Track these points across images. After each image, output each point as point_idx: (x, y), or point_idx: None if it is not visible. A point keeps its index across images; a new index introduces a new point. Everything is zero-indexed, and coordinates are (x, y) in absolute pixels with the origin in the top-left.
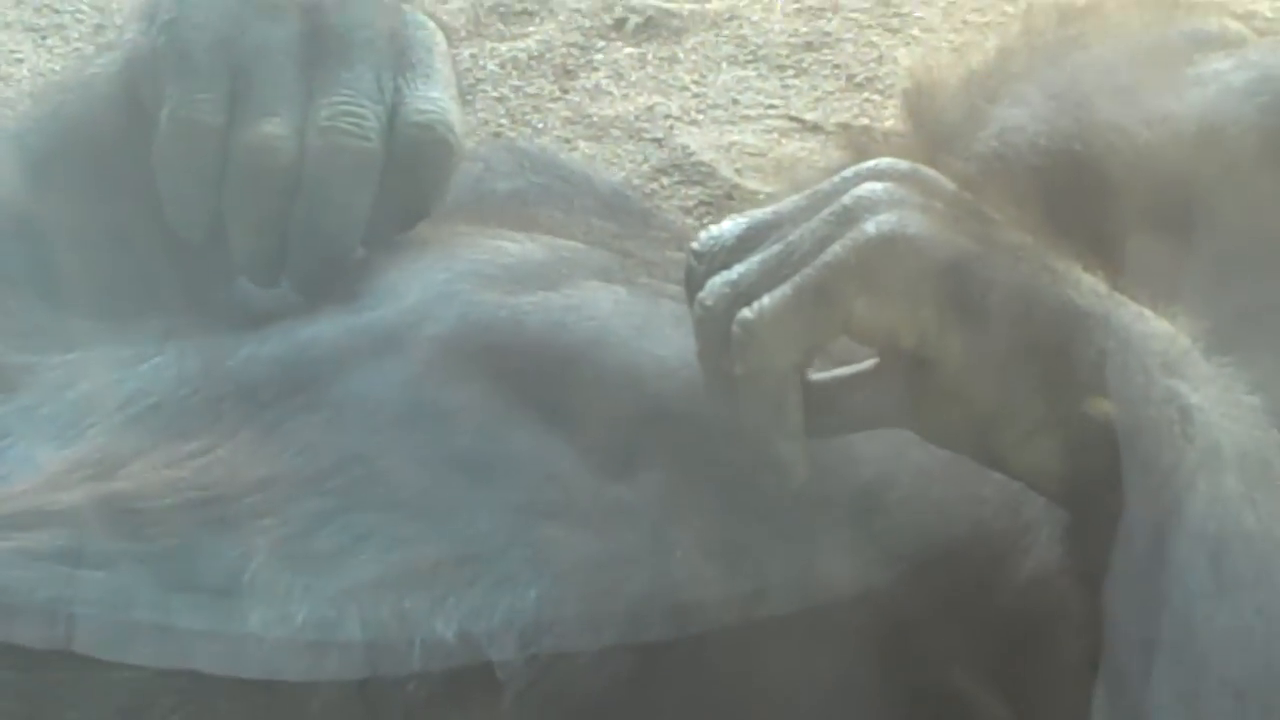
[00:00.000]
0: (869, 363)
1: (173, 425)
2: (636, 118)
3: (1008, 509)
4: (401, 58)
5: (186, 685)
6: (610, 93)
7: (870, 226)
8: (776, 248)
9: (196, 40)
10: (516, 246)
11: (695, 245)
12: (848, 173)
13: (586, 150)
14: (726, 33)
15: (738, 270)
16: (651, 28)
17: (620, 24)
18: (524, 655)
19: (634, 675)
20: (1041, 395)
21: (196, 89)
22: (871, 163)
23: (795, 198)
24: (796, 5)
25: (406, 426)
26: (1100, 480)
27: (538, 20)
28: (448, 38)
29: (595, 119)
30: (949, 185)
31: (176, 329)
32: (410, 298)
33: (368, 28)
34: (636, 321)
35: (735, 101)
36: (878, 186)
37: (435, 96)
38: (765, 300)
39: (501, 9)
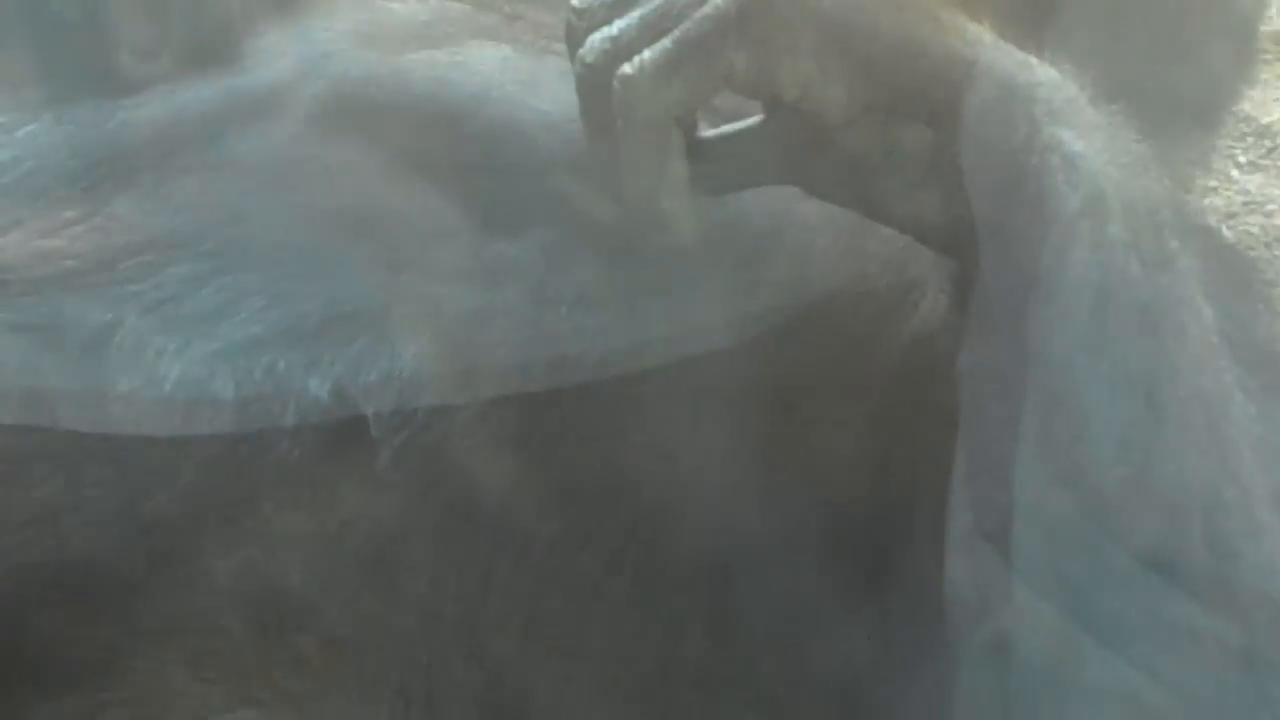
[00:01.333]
0: (754, 118)
1: (48, 193)
2: None
3: (894, 265)
4: None
5: (60, 448)
6: None
7: None
8: (657, 2)
9: None
10: (401, 6)
11: (576, 3)
12: None
13: None
14: None
15: (618, 26)
16: None
17: None
18: (400, 410)
19: (512, 432)
20: (924, 145)
21: None
22: None
23: None
24: None
25: (285, 186)
26: None
27: None
28: None
29: None
30: None
31: (58, 95)
32: (290, 58)
33: None
34: (522, 77)
35: None
36: None
37: None
38: (646, 55)
39: None
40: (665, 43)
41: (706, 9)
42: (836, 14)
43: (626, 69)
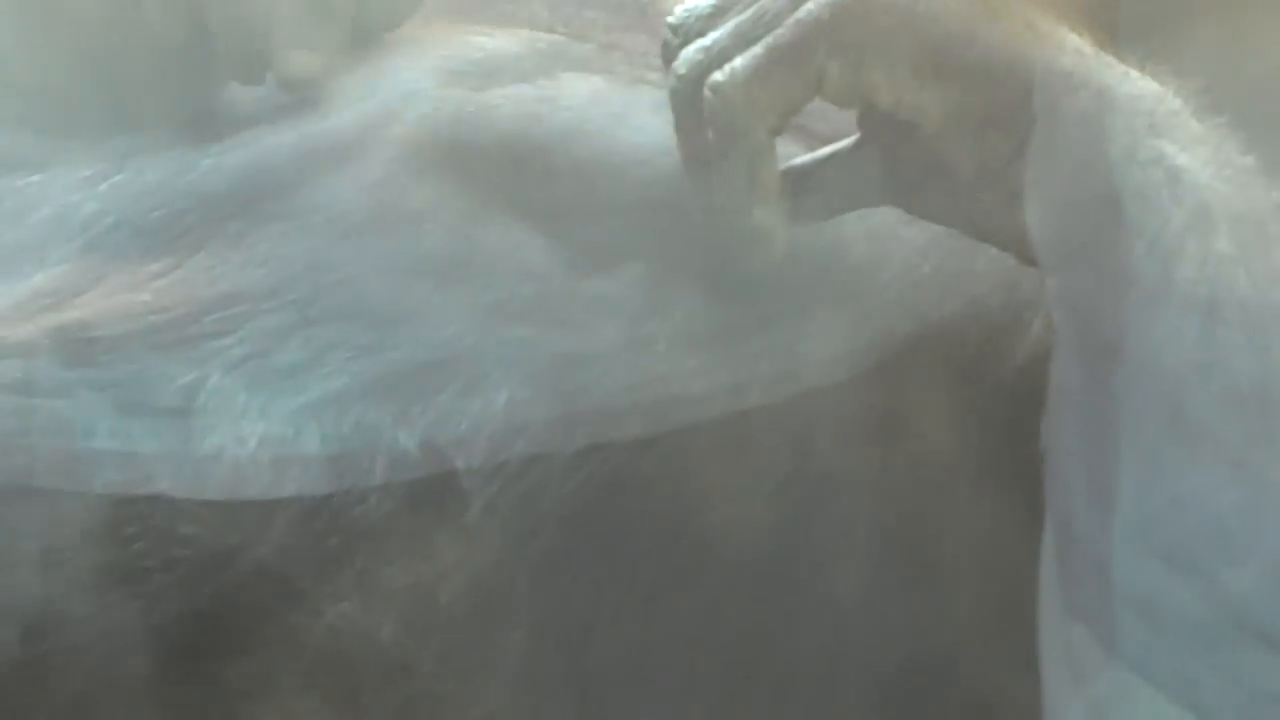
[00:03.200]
0: (849, 140)
1: (132, 246)
2: None
3: (1005, 285)
4: None
5: (147, 510)
6: None
7: None
8: (750, 11)
9: None
10: (489, 41)
11: (671, 19)
12: None
13: None
14: None
15: (711, 37)
16: None
17: None
18: (491, 462)
19: (610, 477)
20: (1024, 159)
21: None
22: None
23: None
24: None
25: (371, 232)
26: None
27: None
28: None
29: None
30: None
31: (144, 146)
32: (375, 99)
33: None
34: (614, 109)
35: None
36: None
37: None
38: (737, 62)
39: None
40: (756, 49)
41: (799, 14)
42: (931, 20)
43: (717, 76)
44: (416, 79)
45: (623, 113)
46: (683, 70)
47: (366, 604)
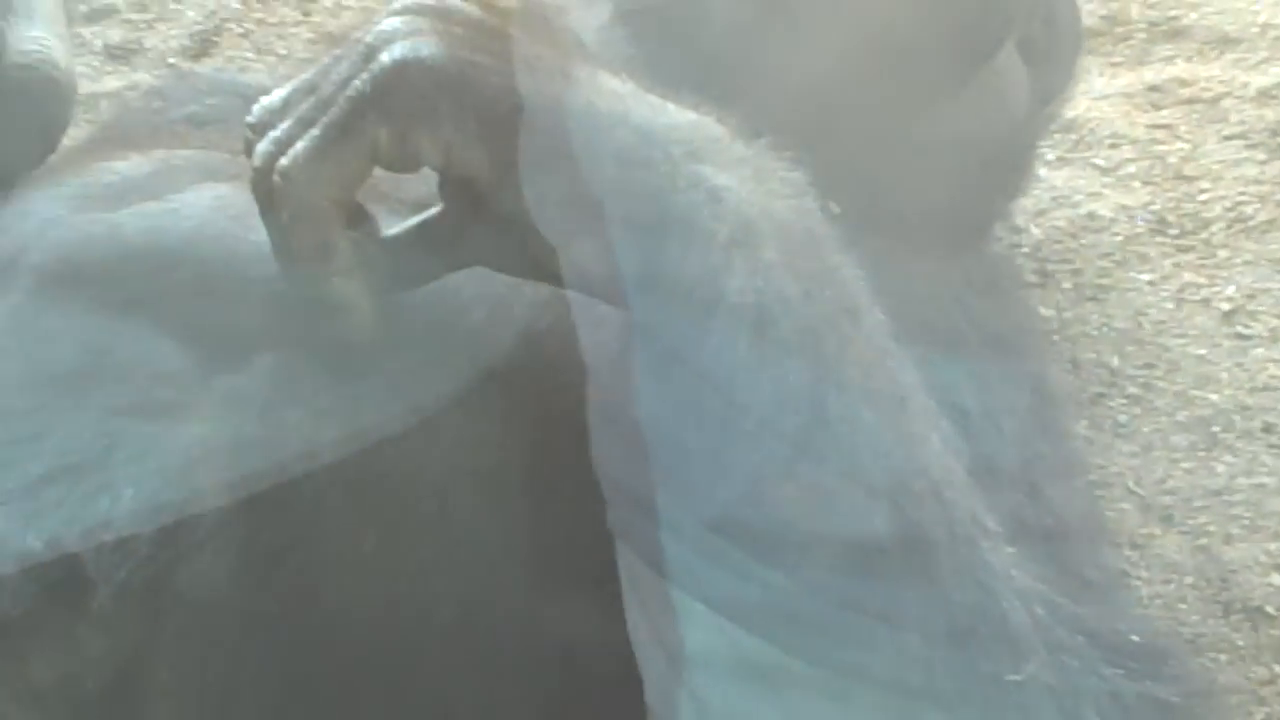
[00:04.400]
0: (435, 207)
1: None
2: None
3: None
4: (1, 2)
5: None
6: (350, 7)
7: (384, 57)
8: (311, 99)
9: None
10: (124, 164)
11: (249, 117)
12: (378, 17)
13: None
14: None
15: (281, 128)
16: None
17: None
18: (119, 551)
19: (239, 550)
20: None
21: None
22: (399, 2)
23: (335, 51)
24: None
25: (11, 356)
26: None
27: None
28: None
29: (335, 35)
30: (472, 12)
31: None
32: (12, 232)
33: None
34: (236, 213)
35: None
36: (397, 21)
37: (37, 35)
38: (299, 146)
39: None
40: (314, 130)
41: (349, 91)
42: (467, 80)
43: (283, 161)
44: (52, 208)
45: (244, 213)
46: (257, 162)
47: (12, 701)
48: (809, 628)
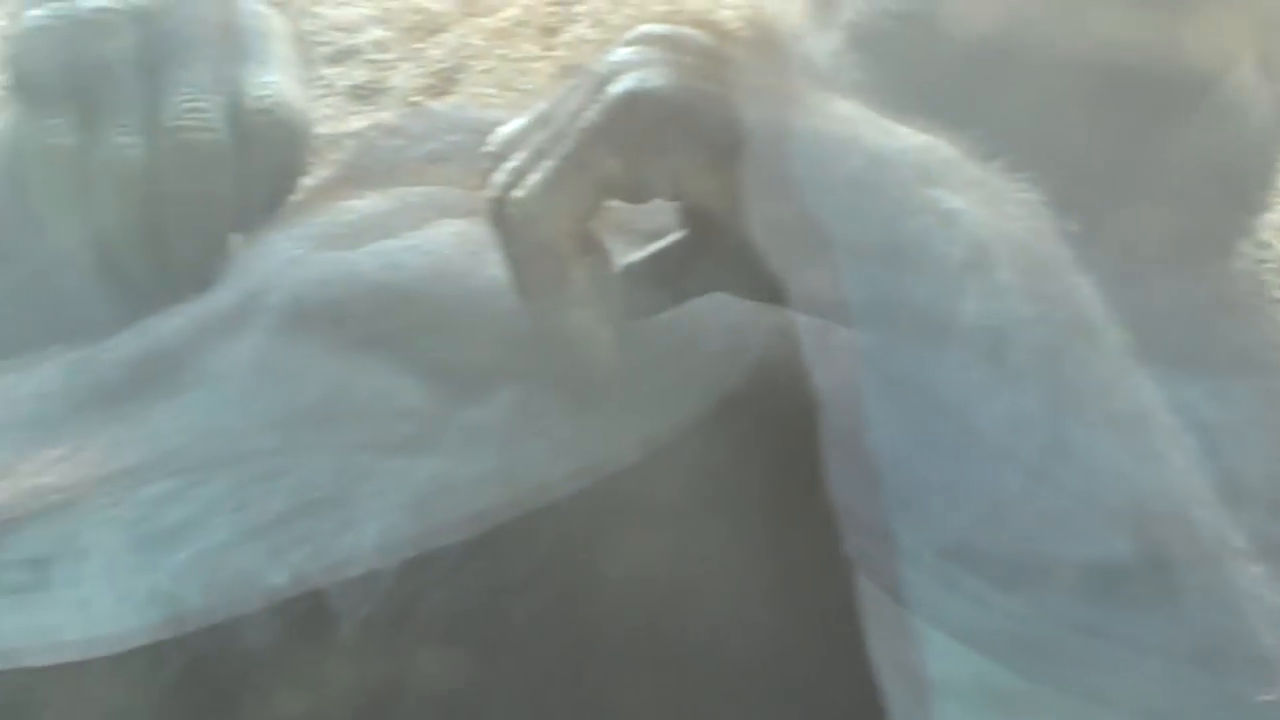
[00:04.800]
0: (673, 235)
1: (39, 440)
2: None
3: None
4: (238, 47)
5: (53, 679)
6: (592, 40)
7: (615, 88)
8: (546, 129)
9: (38, 69)
10: (361, 203)
11: (489, 148)
12: (612, 47)
13: None
14: None
15: (516, 159)
16: None
17: None
18: (363, 586)
19: (487, 586)
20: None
21: (48, 115)
22: (631, 32)
23: (571, 82)
24: None
25: (251, 395)
26: None
27: None
28: (291, 18)
29: (576, 68)
30: (705, 40)
31: (51, 353)
32: (255, 272)
33: (199, 24)
34: (473, 249)
35: (710, 16)
36: (628, 51)
37: (273, 80)
38: (532, 177)
39: None
40: (547, 162)
41: (580, 122)
42: (694, 109)
43: (516, 193)
44: (292, 248)
45: (482, 249)
46: (493, 192)
47: None
48: (1051, 653)
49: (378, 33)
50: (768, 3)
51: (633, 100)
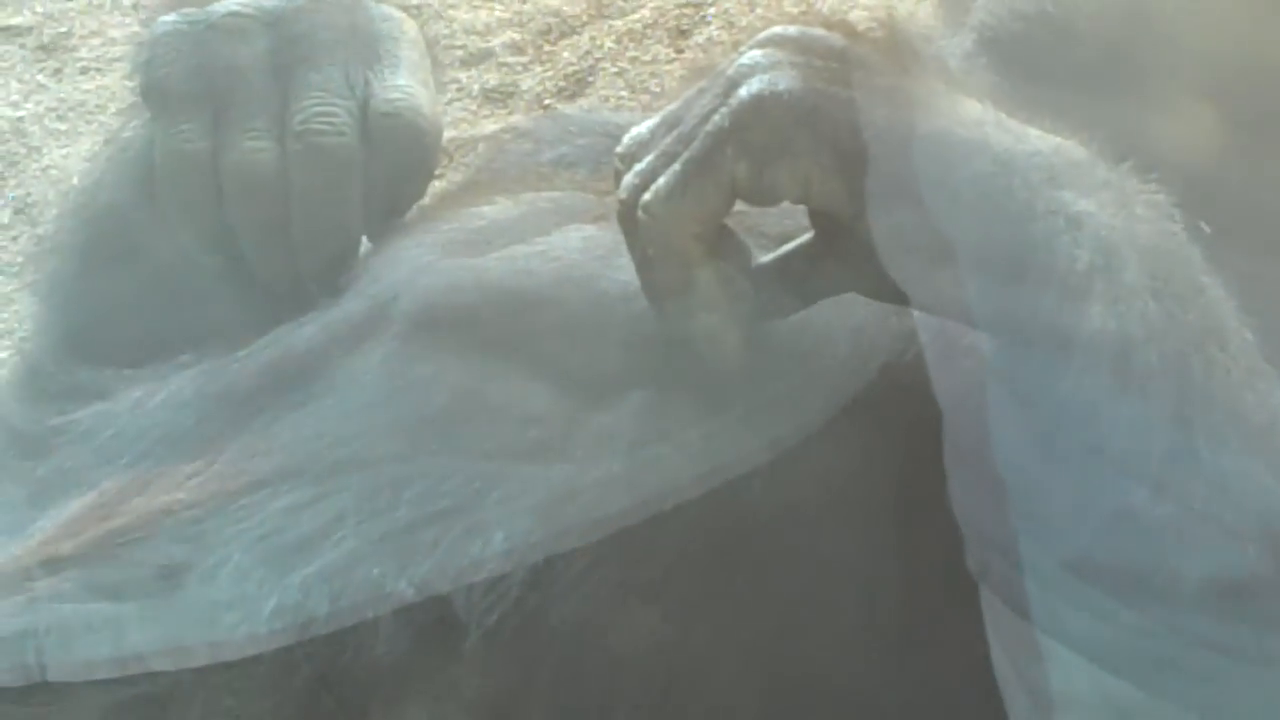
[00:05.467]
0: (805, 236)
1: (173, 453)
2: None
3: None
4: (368, 51)
5: (188, 688)
6: (722, 42)
7: (743, 91)
8: (674, 132)
9: (171, 74)
10: (490, 209)
11: (619, 149)
12: (741, 49)
13: None
14: None
15: (646, 160)
16: None
17: None
18: (490, 595)
19: (612, 593)
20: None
21: (179, 120)
22: (761, 34)
23: (699, 84)
24: None
25: (381, 403)
26: None
27: None
28: (419, 24)
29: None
30: (835, 41)
31: (184, 363)
32: (385, 279)
33: (330, 29)
34: (602, 253)
35: (842, 18)
36: (757, 53)
37: (402, 84)
38: (660, 181)
39: None
40: (676, 166)
41: (708, 126)
42: (822, 112)
43: (646, 196)
44: (422, 254)
45: (610, 253)
46: (623, 195)
47: None
48: (1176, 669)
49: (510, 35)
50: (899, 4)
51: (760, 103)
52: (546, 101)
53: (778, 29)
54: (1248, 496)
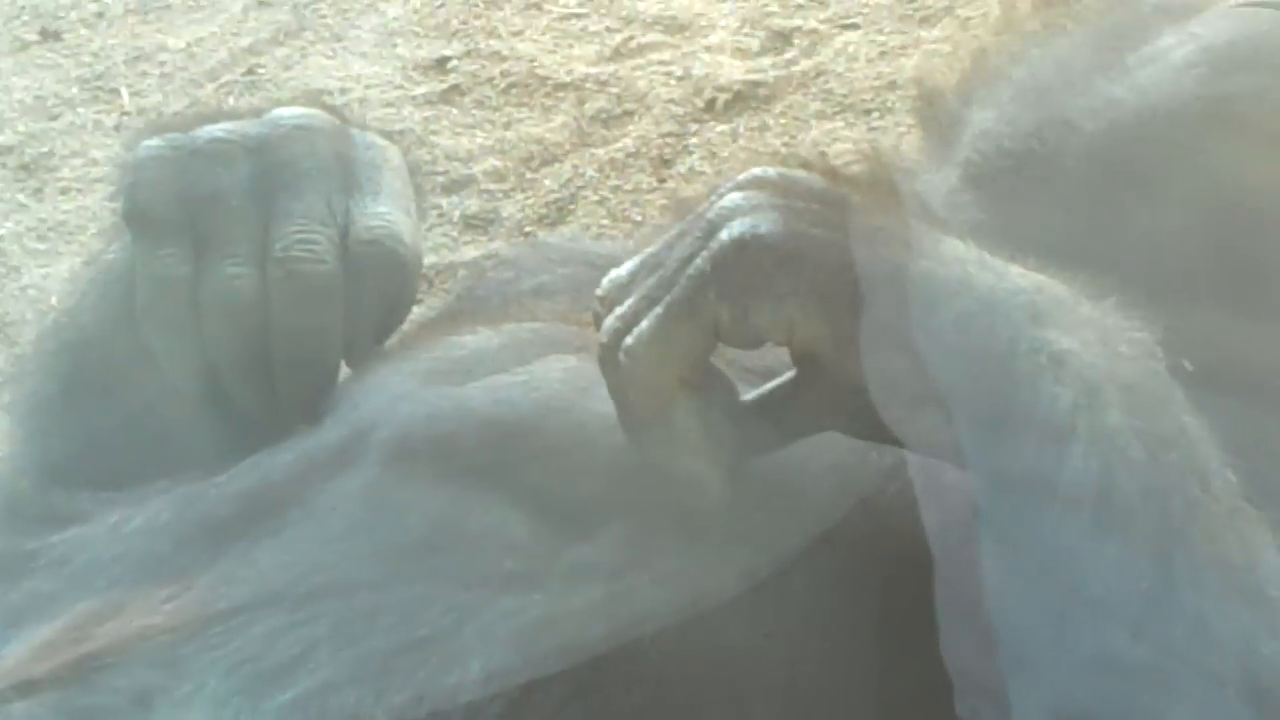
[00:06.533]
0: (788, 374)
1: (149, 577)
2: None
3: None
4: (350, 179)
5: None
6: (704, 172)
7: (724, 234)
8: (655, 275)
9: (154, 199)
10: (472, 338)
11: (598, 291)
12: (720, 190)
13: None
14: (813, 90)
15: (627, 304)
16: (741, 101)
17: (710, 105)
18: None
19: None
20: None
21: (161, 244)
22: (741, 175)
23: (679, 224)
24: (880, 49)
25: (362, 530)
26: None
27: (635, 119)
28: (403, 151)
29: (691, 199)
30: (815, 183)
31: (161, 487)
32: (364, 407)
33: (313, 156)
34: (583, 384)
35: (823, 154)
36: (738, 196)
37: (383, 211)
38: (643, 325)
39: (603, 115)
40: (658, 309)
41: (690, 270)
42: (804, 255)
43: (628, 340)
44: (402, 382)
45: (590, 386)
46: (604, 339)
47: None
48: None
49: (492, 162)
50: (883, 137)
51: (743, 247)
52: (528, 229)
53: (757, 171)
54: (1228, 639)
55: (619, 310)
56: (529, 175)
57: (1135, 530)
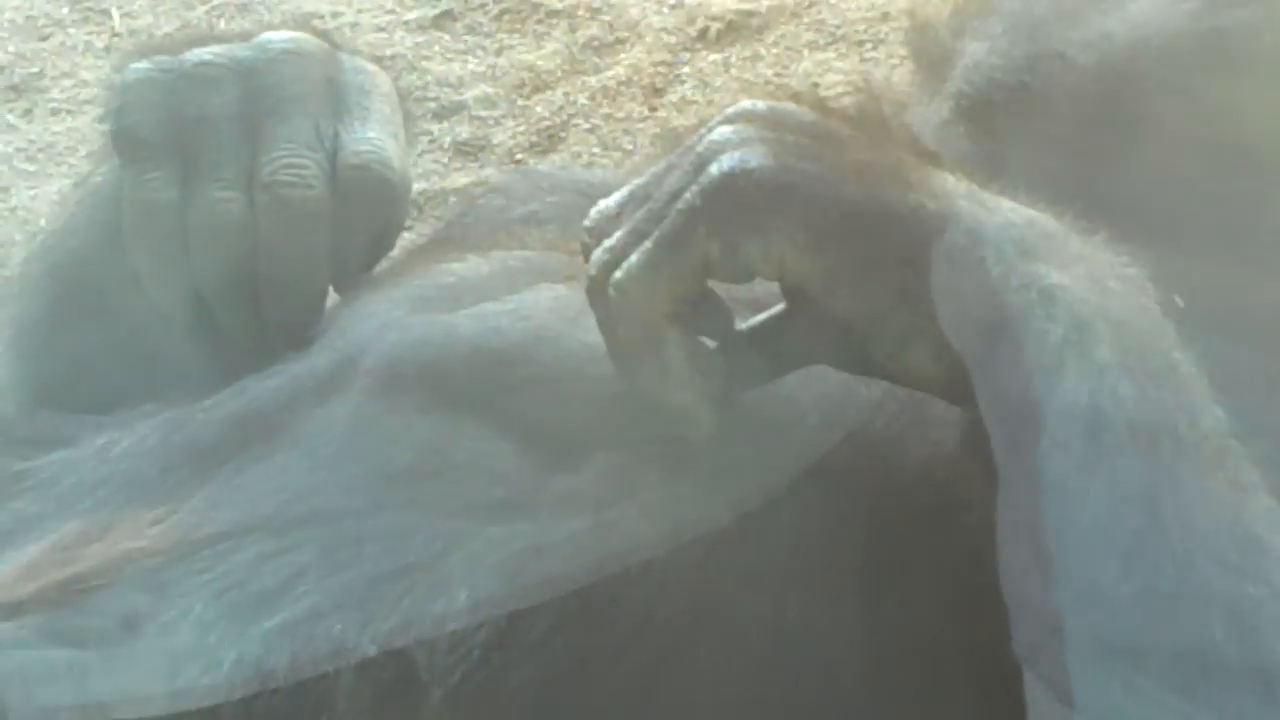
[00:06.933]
0: (778, 306)
1: (136, 501)
2: None
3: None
4: (338, 104)
5: None
6: (696, 101)
7: (714, 169)
8: (644, 208)
9: (141, 122)
10: (461, 266)
11: (586, 222)
12: (710, 124)
13: None
14: (806, 20)
15: (616, 237)
16: (733, 31)
17: (703, 34)
18: (453, 655)
19: (576, 655)
20: (904, 302)
21: (149, 168)
22: (730, 108)
23: (667, 157)
24: None
25: (346, 457)
26: None
27: (628, 46)
28: (392, 77)
29: (681, 130)
30: (805, 116)
31: (149, 411)
32: (352, 333)
33: (302, 80)
34: (572, 314)
35: (815, 85)
36: (728, 129)
37: (372, 137)
38: (632, 259)
39: (595, 43)
40: (647, 243)
41: (679, 204)
42: (796, 190)
43: (617, 274)
44: (390, 309)
45: (579, 315)
46: (592, 271)
47: None
48: None
49: (483, 89)
50: (875, 69)
51: (732, 181)
52: (518, 156)
53: (747, 104)
54: (1211, 579)
55: (607, 243)
56: (520, 102)
57: (1122, 463)
